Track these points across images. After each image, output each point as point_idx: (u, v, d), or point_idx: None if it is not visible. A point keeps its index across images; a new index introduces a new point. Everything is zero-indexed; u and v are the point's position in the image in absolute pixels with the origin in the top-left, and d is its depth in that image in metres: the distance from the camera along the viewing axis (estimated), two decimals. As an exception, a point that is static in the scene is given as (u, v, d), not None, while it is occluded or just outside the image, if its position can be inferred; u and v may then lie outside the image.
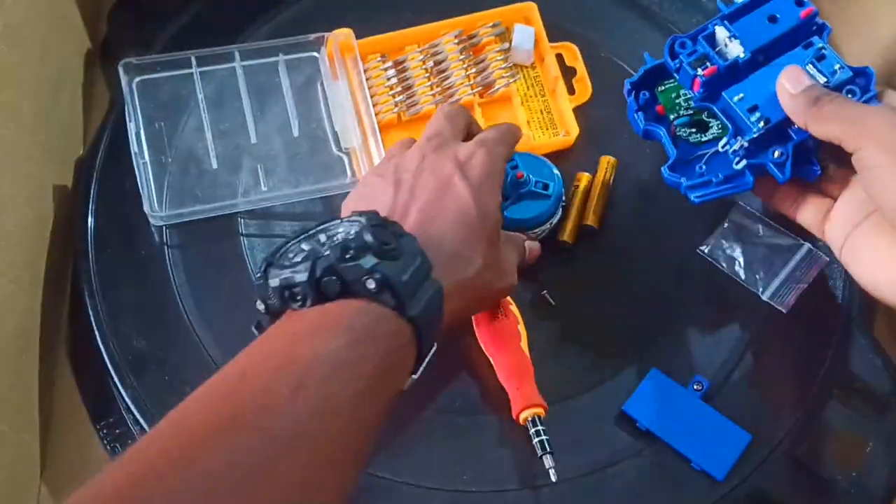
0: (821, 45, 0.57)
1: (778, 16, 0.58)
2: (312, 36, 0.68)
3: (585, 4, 0.73)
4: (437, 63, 0.68)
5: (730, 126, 0.57)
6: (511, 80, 0.68)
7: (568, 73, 0.69)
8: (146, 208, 0.63)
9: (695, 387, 0.58)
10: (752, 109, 0.57)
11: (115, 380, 0.60)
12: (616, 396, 0.58)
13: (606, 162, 0.65)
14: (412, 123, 0.68)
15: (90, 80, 0.73)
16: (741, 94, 0.57)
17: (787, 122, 0.56)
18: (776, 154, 0.56)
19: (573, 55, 0.69)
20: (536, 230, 0.62)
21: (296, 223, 0.65)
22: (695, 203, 0.58)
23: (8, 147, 0.60)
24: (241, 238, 0.64)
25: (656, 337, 0.61)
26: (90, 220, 0.64)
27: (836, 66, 0.56)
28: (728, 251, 0.63)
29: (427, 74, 0.68)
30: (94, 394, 0.63)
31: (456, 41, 0.68)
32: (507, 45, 0.69)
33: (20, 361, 0.60)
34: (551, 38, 0.69)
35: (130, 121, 0.65)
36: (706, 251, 0.63)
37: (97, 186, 0.65)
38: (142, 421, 0.58)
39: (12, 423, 0.58)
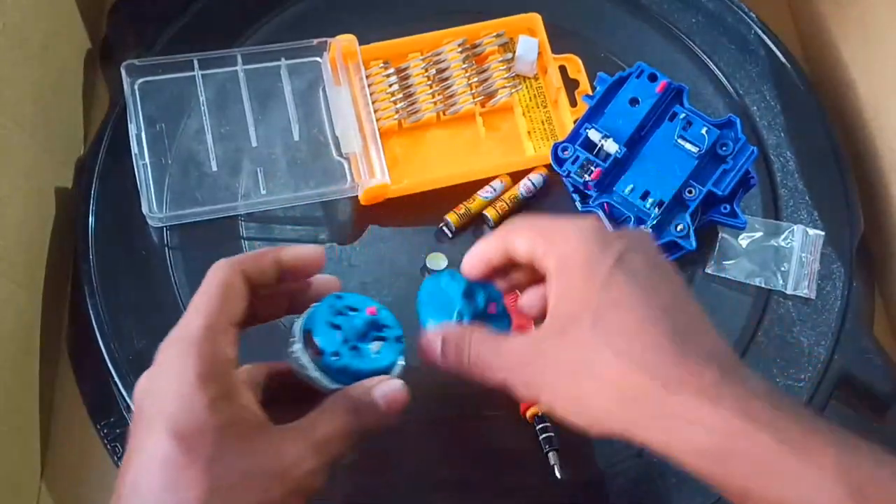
0: (683, 114, 0.62)
1: (638, 97, 0.64)
2: (315, 41, 0.70)
3: (588, 6, 0.75)
4: (440, 71, 0.70)
5: (630, 215, 0.62)
6: (513, 91, 0.70)
7: (570, 84, 0.71)
8: (145, 209, 0.64)
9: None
10: (645, 196, 0.63)
11: (116, 380, 0.61)
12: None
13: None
14: (413, 130, 0.70)
15: (90, 79, 0.74)
16: (631, 185, 0.63)
17: (679, 194, 0.61)
18: (678, 228, 0.61)
19: (576, 67, 0.71)
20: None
21: (296, 227, 0.67)
22: None
23: (8, 147, 0.62)
24: (242, 241, 0.66)
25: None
26: (90, 220, 0.66)
27: (703, 130, 0.62)
28: (734, 262, 0.65)
29: (429, 82, 0.70)
30: (94, 394, 0.64)
31: (459, 50, 0.71)
32: (510, 55, 0.71)
33: (20, 361, 0.61)
34: (554, 42, 0.72)
35: (131, 122, 0.67)
36: (712, 271, 0.65)
37: (97, 187, 0.67)
38: (142, 421, 0.59)
39: (12, 423, 0.60)
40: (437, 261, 0.65)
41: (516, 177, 0.68)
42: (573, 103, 0.70)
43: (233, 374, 0.43)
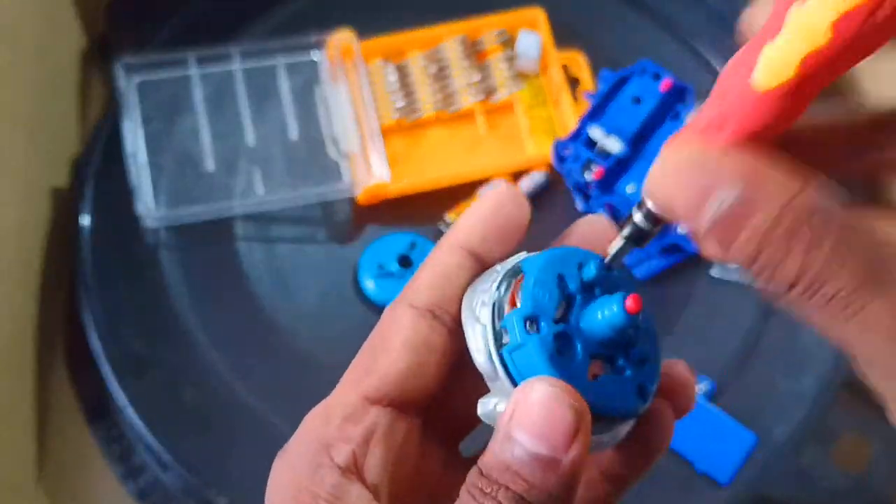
0: (688, 114, 0.64)
1: (641, 96, 0.65)
2: (313, 37, 0.70)
3: (591, 2, 0.75)
4: (440, 69, 0.71)
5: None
6: (515, 88, 0.71)
7: (573, 82, 0.72)
8: (140, 209, 0.65)
9: (697, 388, 0.61)
10: None
11: (112, 381, 0.62)
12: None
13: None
14: (413, 129, 0.70)
15: (87, 78, 0.74)
16: (632, 185, 0.64)
17: None
18: (680, 229, 0.62)
19: (579, 65, 0.72)
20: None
21: (293, 227, 0.67)
22: (640, 279, 0.64)
23: (3, 147, 0.63)
24: (238, 241, 0.67)
25: (659, 337, 0.63)
26: (86, 220, 0.67)
27: None
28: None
29: (430, 80, 0.70)
30: (89, 395, 0.65)
31: (460, 46, 0.71)
32: (511, 51, 0.72)
33: (15, 362, 0.62)
34: (557, 39, 0.72)
35: (127, 121, 0.67)
36: (716, 273, 0.66)
37: (94, 186, 0.68)
38: (138, 423, 0.60)
39: (7, 425, 0.60)
40: None
41: (517, 176, 0.68)
42: (575, 101, 0.71)
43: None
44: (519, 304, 0.30)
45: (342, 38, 0.70)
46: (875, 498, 0.58)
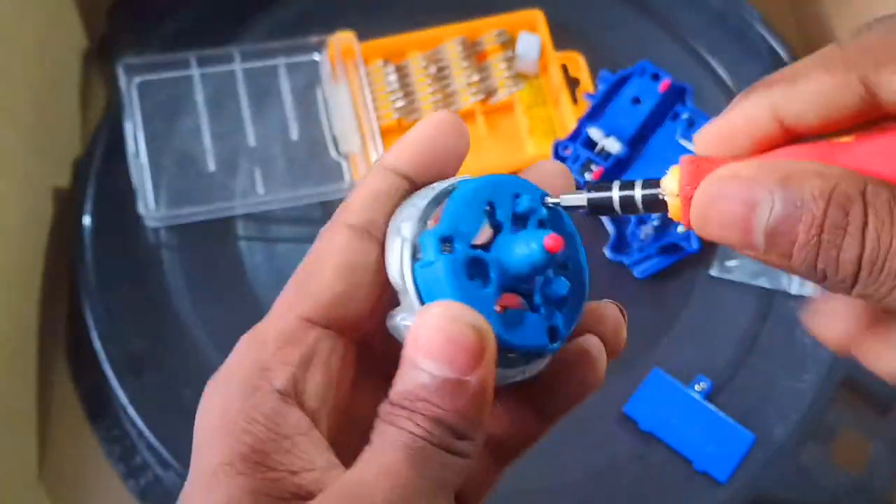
0: (686, 113, 0.63)
1: (640, 96, 0.66)
2: (314, 38, 0.71)
3: (590, 3, 0.76)
4: (440, 69, 0.71)
5: (631, 216, 0.63)
6: (514, 89, 0.71)
7: (572, 82, 0.72)
8: (141, 209, 0.66)
9: (696, 387, 0.61)
10: None
11: (113, 381, 0.62)
12: (616, 397, 0.61)
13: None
14: (413, 129, 0.70)
15: (88, 79, 0.75)
16: None
17: None
18: (680, 229, 0.62)
19: (578, 65, 0.72)
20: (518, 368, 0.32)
21: (294, 227, 0.68)
22: (639, 278, 0.64)
23: (5, 148, 0.63)
24: (239, 241, 0.67)
25: (658, 336, 0.64)
26: (88, 220, 0.67)
27: None
28: (738, 263, 0.66)
29: (429, 80, 0.71)
30: (91, 395, 0.66)
31: (460, 47, 0.71)
32: (511, 52, 0.72)
33: (17, 362, 0.63)
34: (556, 39, 0.72)
35: (128, 121, 0.68)
36: (716, 273, 0.66)
37: (95, 187, 0.68)
38: (139, 422, 0.61)
39: (9, 424, 0.61)
40: None
41: (517, 176, 0.68)
42: (575, 101, 0.71)
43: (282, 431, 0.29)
44: (438, 223, 0.30)
45: (343, 38, 0.70)
46: (875, 498, 0.59)
